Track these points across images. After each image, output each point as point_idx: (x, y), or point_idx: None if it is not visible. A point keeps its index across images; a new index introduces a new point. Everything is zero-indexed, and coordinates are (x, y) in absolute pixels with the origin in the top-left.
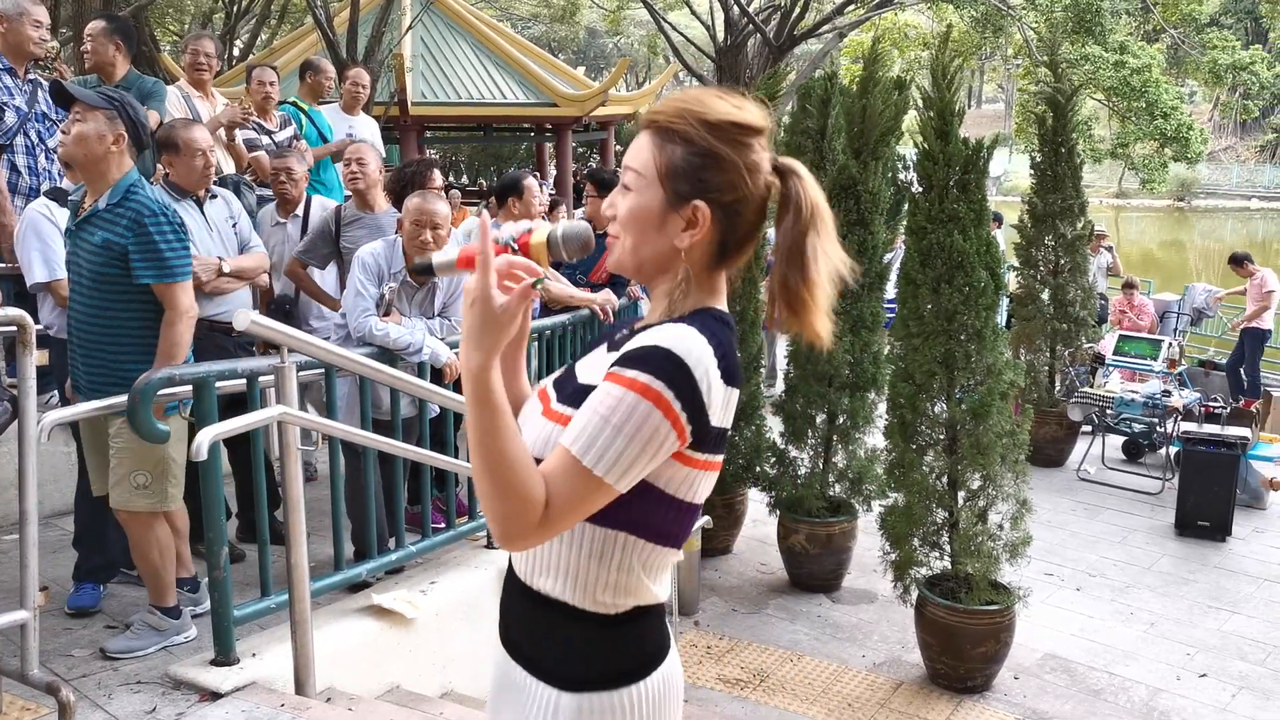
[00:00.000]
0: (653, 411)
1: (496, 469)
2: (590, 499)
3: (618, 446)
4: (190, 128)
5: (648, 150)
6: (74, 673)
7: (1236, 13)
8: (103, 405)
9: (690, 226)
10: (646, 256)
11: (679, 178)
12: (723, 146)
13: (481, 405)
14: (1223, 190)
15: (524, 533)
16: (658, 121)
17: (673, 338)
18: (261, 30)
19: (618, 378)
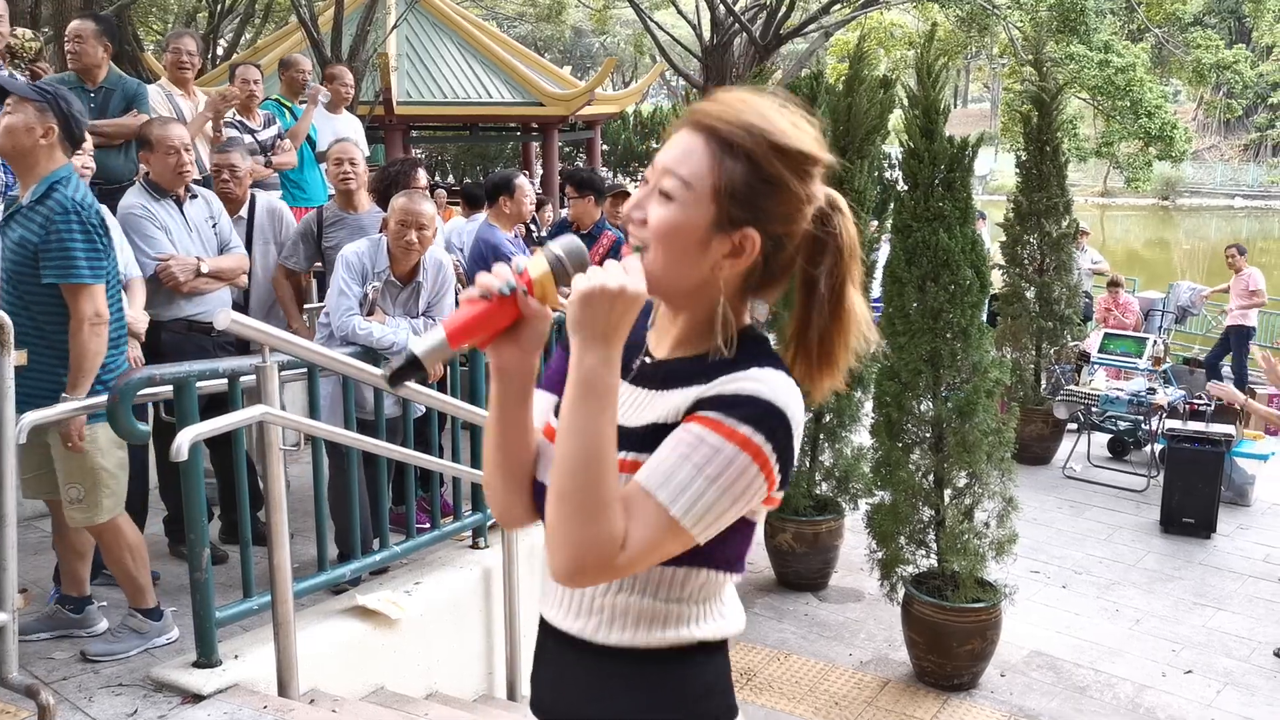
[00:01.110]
0: (751, 466)
1: (596, 487)
2: (668, 547)
3: (709, 498)
4: (166, 125)
5: (702, 160)
6: (54, 675)
7: (1220, 12)
8: (81, 406)
9: (735, 254)
10: (679, 277)
11: (736, 201)
12: (789, 175)
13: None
14: (1207, 189)
15: (599, 566)
16: (718, 130)
17: (773, 389)
18: (245, 29)
19: (715, 425)
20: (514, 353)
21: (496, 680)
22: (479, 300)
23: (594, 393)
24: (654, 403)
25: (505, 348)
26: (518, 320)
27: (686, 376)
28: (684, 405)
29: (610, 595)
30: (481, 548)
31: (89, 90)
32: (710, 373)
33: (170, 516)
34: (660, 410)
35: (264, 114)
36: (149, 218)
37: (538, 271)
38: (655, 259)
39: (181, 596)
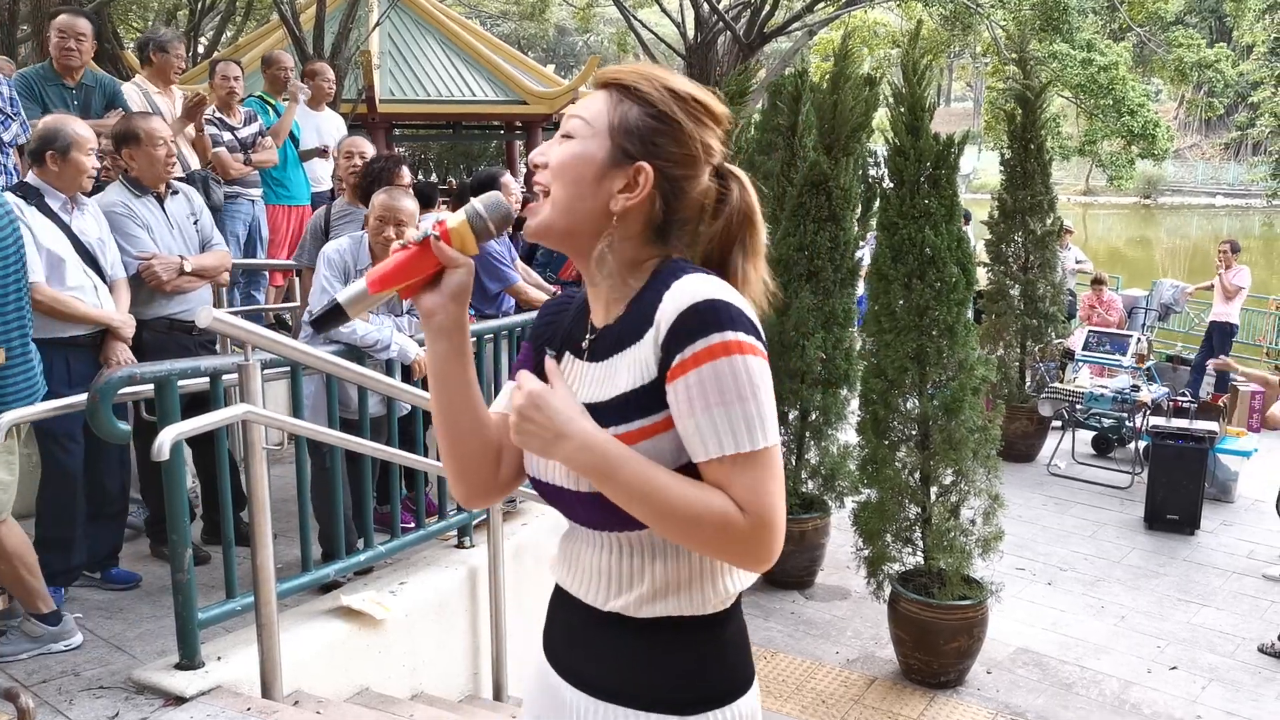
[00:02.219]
0: (745, 361)
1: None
2: (777, 468)
3: (748, 413)
4: (149, 119)
5: (601, 102)
6: (33, 679)
7: (1200, 11)
8: (61, 405)
9: (629, 189)
10: (578, 213)
11: (631, 135)
12: (684, 116)
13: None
14: (1188, 187)
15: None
16: (620, 79)
17: (699, 289)
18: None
19: (693, 361)
20: (436, 299)
21: (482, 680)
22: (399, 250)
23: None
24: (618, 368)
25: (428, 295)
26: (438, 270)
27: (631, 331)
28: (648, 358)
29: (632, 561)
30: (467, 547)
31: (69, 88)
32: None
33: (151, 517)
34: (625, 376)
35: (245, 111)
36: (130, 215)
37: (455, 221)
38: (555, 196)
39: (163, 597)
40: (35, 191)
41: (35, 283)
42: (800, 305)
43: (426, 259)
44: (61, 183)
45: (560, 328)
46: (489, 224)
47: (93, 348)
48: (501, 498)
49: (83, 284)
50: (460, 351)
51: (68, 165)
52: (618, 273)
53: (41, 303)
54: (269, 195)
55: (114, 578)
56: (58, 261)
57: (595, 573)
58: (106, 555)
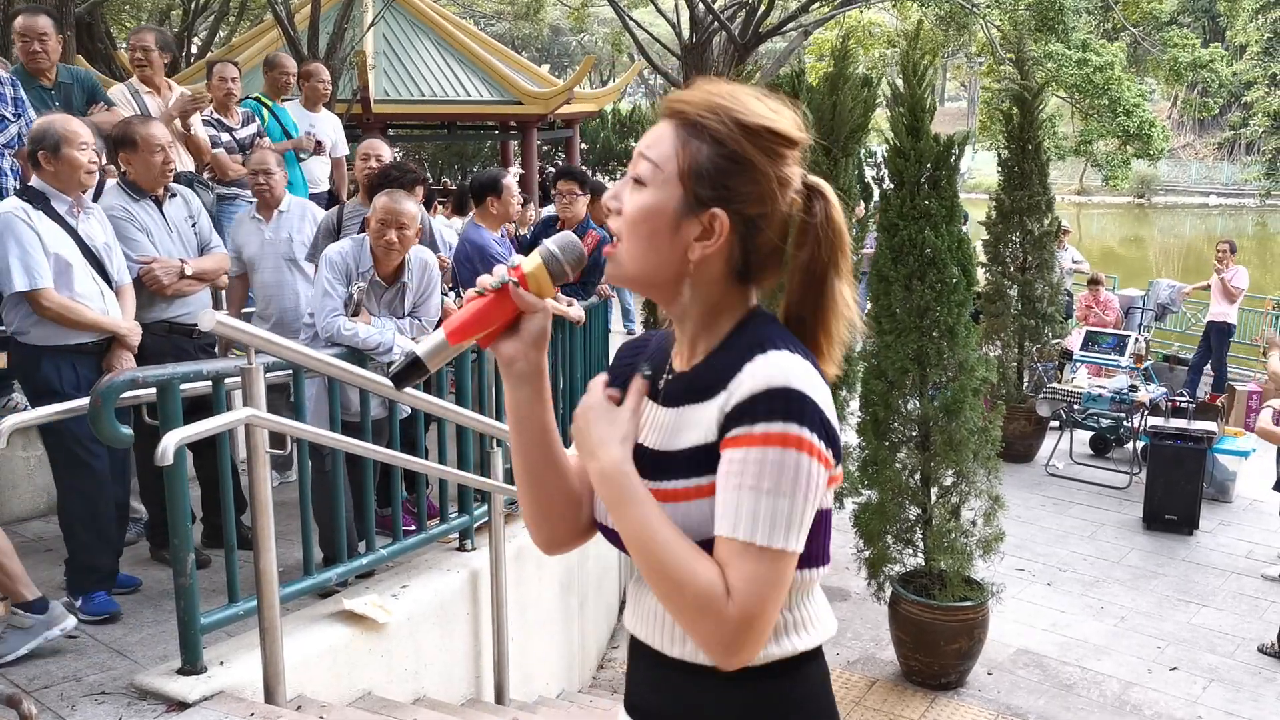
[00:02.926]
0: (802, 459)
1: (663, 569)
2: (779, 576)
3: (785, 510)
4: (148, 124)
5: (670, 142)
6: (35, 684)
7: (1194, 11)
8: (64, 409)
9: (705, 236)
10: (654, 265)
11: (702, 180)
12: (756, 153)
13: (643, 500)
14: (1182, 187)
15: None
16: (685, 113)
17: (785, 373)
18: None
19: (749, 440)
20: (516, 347)
21: (484, 683)
22: (475, 297)
23: (616, 503)
24: (684, 420)
25: (506, 343)
26: (516, 316)
27: (704, 386)
28: (713, 420)
29: None
30: (468, 550)
31: (47, 88)
32: (721, 374)
33: (152, 521)
34: (694, 430)
35: (242, 112)
36: (129, 219)
37: (531, 265)
38: (628, 246)
39: (164, 602)
40: (41, 195)
41: (43, 288)
42: None
43: (504, 305)
44: (60, 182)
45: (636, 369)
46: (565, 266)
47: (99, 354)
48: (582, 543)
49: (90, 290)
50: (540, 397)
51: (61, 163)
52: (703, 317)
53: (49, 309)
54: None
55: (116, 582)
56: (65, 267)
57: (655, 615)
58: None
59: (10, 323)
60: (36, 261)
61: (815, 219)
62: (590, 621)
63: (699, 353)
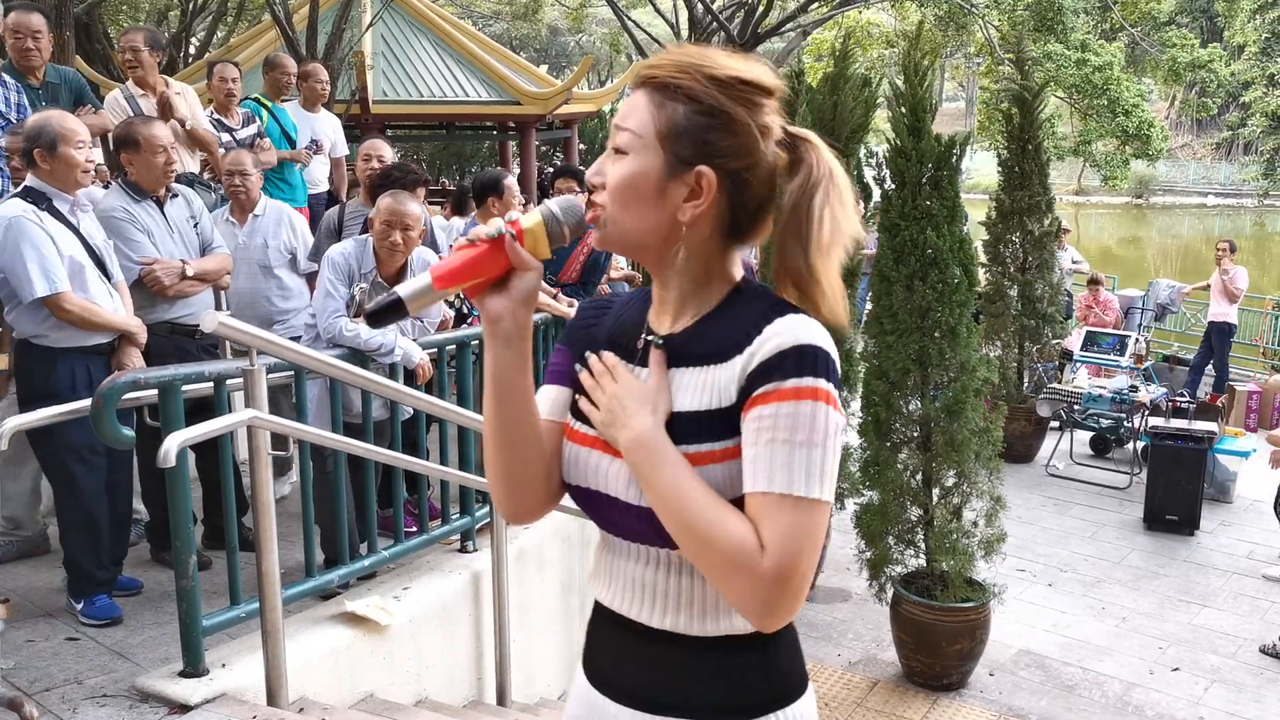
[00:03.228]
0: (825, 409)
1: (695, 530)
2: (820, 527)
3: (818, 459)
4: (150, 124)
5: (645, 109)
6: (36, 687)
7: (1192, 12)
8: (62, 411)
9: (694, 196)
10: (642, 230)
11: (682, 139)
12: (733, 105)
13: (673, 465)
14: (1180, 187)
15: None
16: (656, 76)
17: (809, 332)
18: (218, 27)
19: (779, 395)
20: (503, 303)
21: (486, 685)
22: (467, 245)
23: (649, 467)
24: (684, 383)
25: (494, 297)
26: (507, 272)
27: (712, 350)
28: (729, 384)
29: (679, 578)
30: (470, 551)
31: (34, 88)
32: (735, 337)
33: (152, 522)
34: (700, 393)
35: (243, 112)
36: (130, 220)
37: (530, 222)
38: (615, 216)
39: (165, 604)
40: (43, 196)
41: (63, 292)
42: None
43: (498, 258)
44: (57, 181)
45: (601, 330)
46: (564, 227)
47: (109, 354)
48: (548, 511)
49: (100, 290)
50: (523, 360)
51: (58, 161)
52: (695, 279)
53: (72, 312)
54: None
55: (118, 584)
56: (78, 268)
57: (638, 586)
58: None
59: (22, 327)
60: (53, 265)
61: (804, 158)
62: None
63: (688, 315)
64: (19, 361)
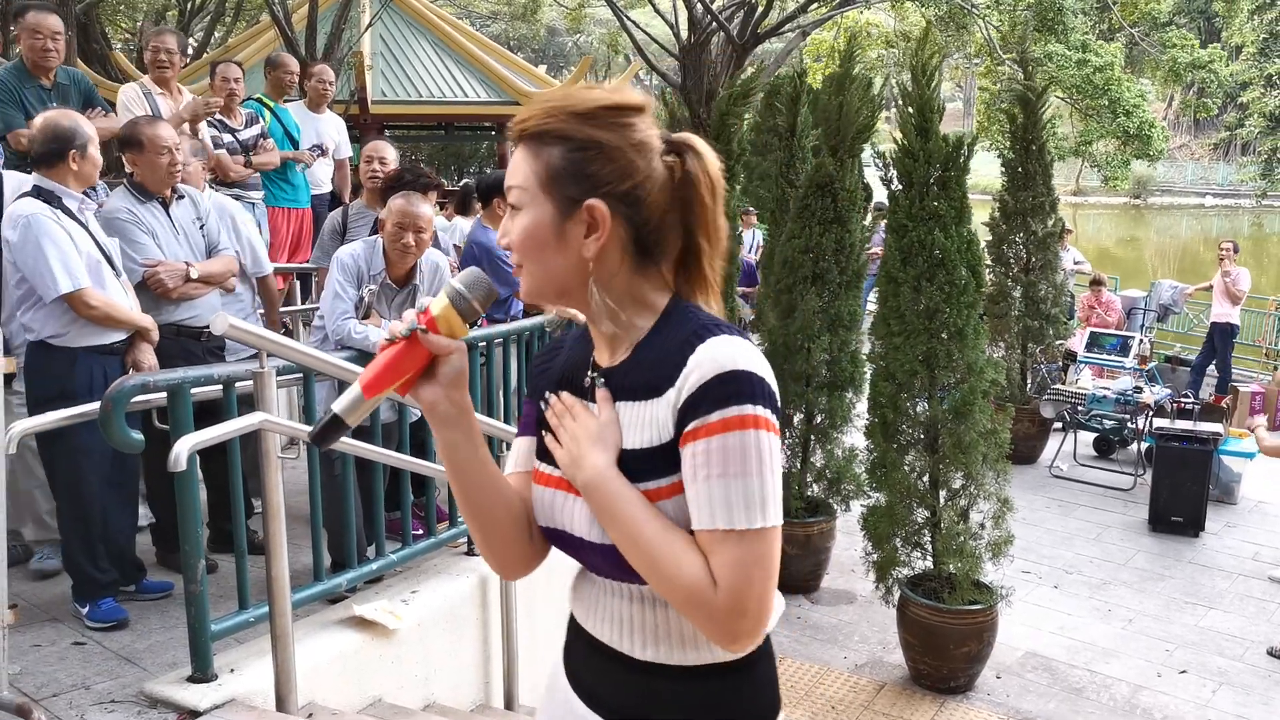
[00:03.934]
0: (761, 436)
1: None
2: (769, 552)
3: (756, 489)
4: (155, 124)
5: (525, 162)
6: (44, 692)
7: (1190, 12)
8: (71, 414)
9: (592, 230)
10: (555, 276)
11: (563, 179)
12: (602, 132)
13: (627, 502)
14: (1178, 188)
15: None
16: (526, 128)
17: (731, 357)
18: (216, 27)
19: (710, 428)
20: (434, 391)
21: (494, 689)
22: (387, 345)
23: (607, 506)
24: (629, 419)
25: (425, 388)
26: (431, 360)
27: (644, 384)
28: (665, 419)
29: (657, 612)
30: (477, 555)
31: (46, 88)
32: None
33: (158, 525)
34: (642, 430)
35: (246, 113)
36: (135, 222)
37: (438, 308)
38: (528, 269)
39: (171, 608)
40: (54, 195)
41: (85, 288)
42: (806, 308)
43: (416, 352)
44: (79, 182)
45: (554, 373)
46: (473, 303)
47: (122, 354)
48: (538, 563)
49: (114, 287)
50: (469, 437)
51: (87, 162)
52: (618, 311)
53: (96, 308)
54: (270, 197)
55: (147, 588)
56: (95, 265)
57: (618, 620)
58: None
59: (41, 327)
60: (74, 262)
61: (694, 171)
62: None
63: (624, 347)
64: (32, 363)
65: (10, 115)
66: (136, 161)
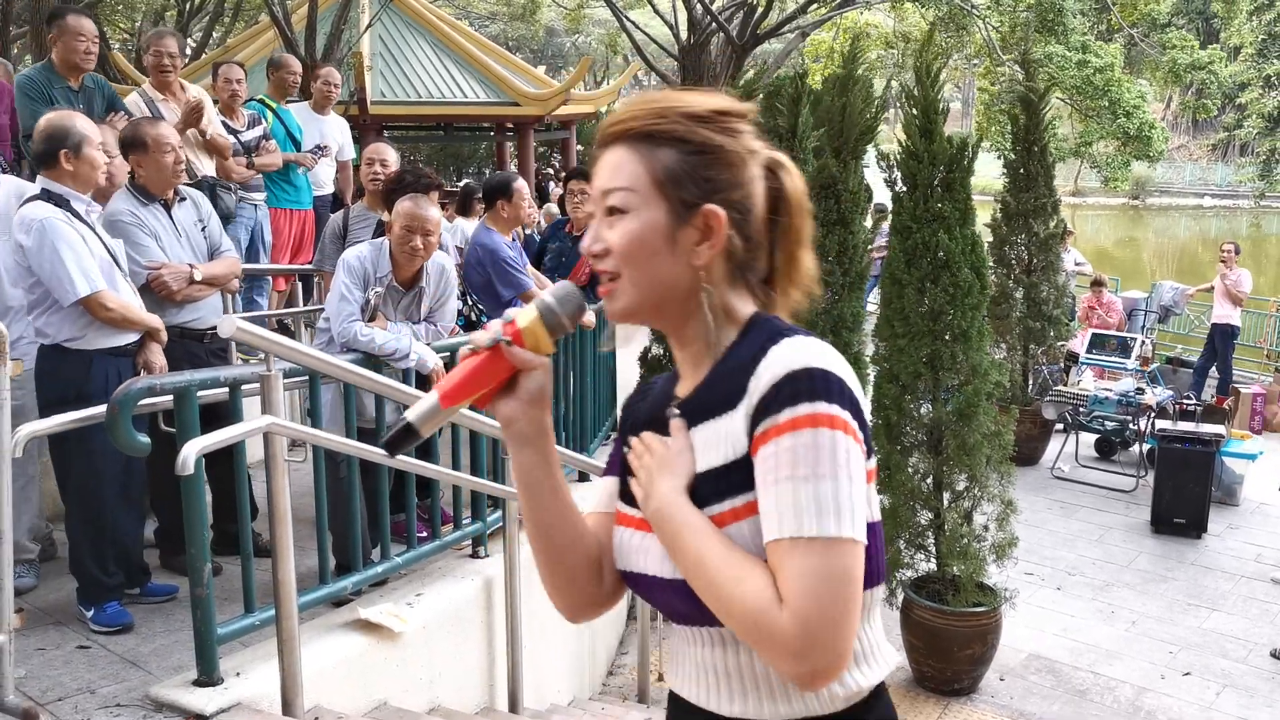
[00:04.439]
0: (837, 436)
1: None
2: (846, 568)
3: (829, 492)
4: (158, 125)
5: (632, 163)
6: (49, 696)
7: (1188, 13)
8: (80, 416)
9: (705, 237)
10: (663, 286)
11: (681, 182)
12: (719, 137)
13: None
14: (1176, 188)
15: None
16: (631, 129)
17: (802, 355)
18: (215, 27)
19: (779, 428)
20: (515, 407)
21: (498, 692)
22: (469, 356)
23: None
24: (702, 440)
25: (505, 403)
26: (513, 374)
27: (719, 399)
28: (740, 430)
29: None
30: (482, 557)
31: (73, 89)
32: (735, 380)
33: (162, 528)
34: (718, 448)
35: (248, 114)
36: (138, 224)
37: (526, 320)
38: (631, 278)
39: (176, 611)
40: (62, 199)
41: (102, 290)
42: (809, 309)
43: (499, 365)
44: (78, 183)
45: (642, 413)
46: (563, 319)
47: (133, 355)
48: (609, 609)
49: (125, 289)
50: (546, 458)
51: (82, 163)
52: (711, 330)
53: (113, 310)
54: (273, 198)
55: (152, 591)
56: (108, 267)
57: (703, 670)
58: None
59: (56, 331)
60: (90, 264)
61: (784, 189)
62: (600, 627)
63: (704, 368)
64: (44, 366)
65: (40, 113)
66: (141, 162)
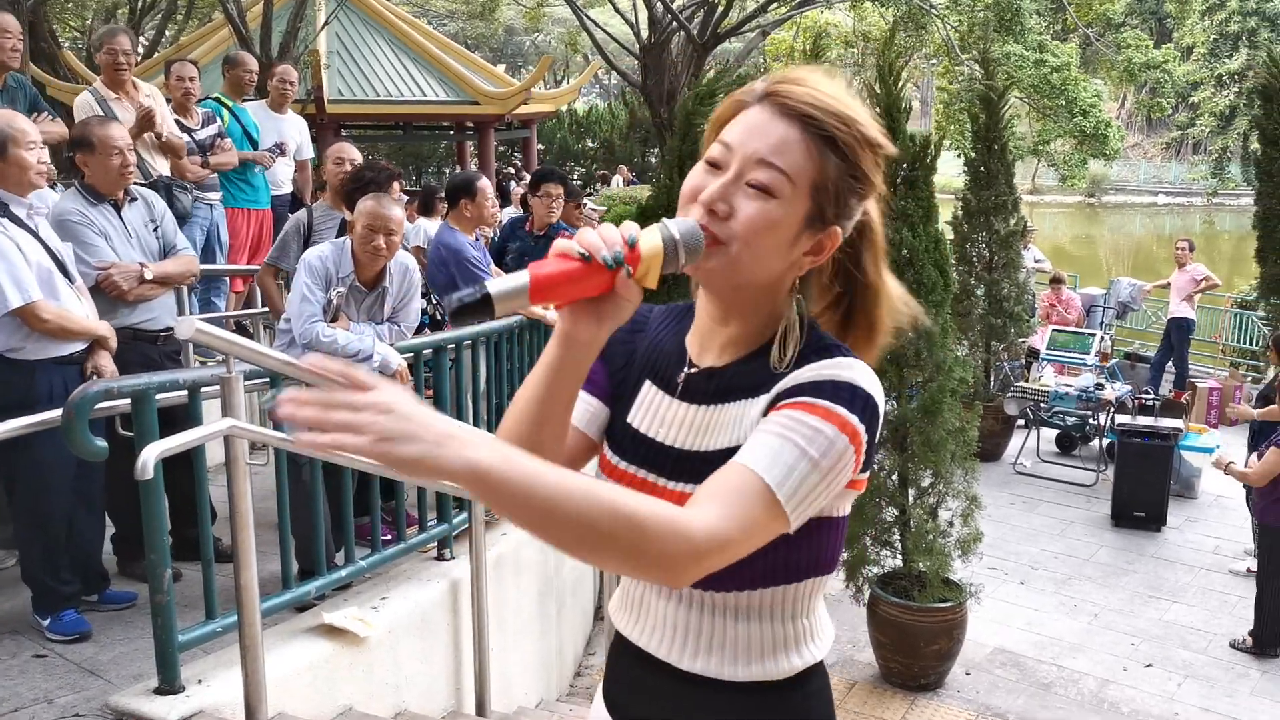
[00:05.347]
0: (848, 448)
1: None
2: (763, 531)
3: (810, 481)
4: (106, 125)
5: (802, 153)
6: (4, 706)
7: (1142, 13)
8: (31, 421)
9: (815, 252)
10: (762, 273)
11: (831, 197)
12: (874, 172)
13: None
14: (1131, 187)
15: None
16: (815, 120)
17: (859, 375)
18: (168, 25)
19: (810, 408)
20: (589, 326)
21: (465, 695)
22: (575, 258)
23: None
24: (720, 420)
25: (583, 317)
26: (604, 293)
27: (750, 385)
28: (755, 415)
29: (713, 620)
30: (447, 559)
31: None
32: (774, 373)
33: (121, 534)
34: (732, 429)
35: (202, 113)
36: (86, 224)
37: (649, 248)
38: (742, 253)
39: (135, 618)
40: (1, 204)
41: (37, 301)
42: None
43: (599, 280)
44: (8, 184)
45: (638, 352)
46: (681, 254)
47: (81, 363)
48: None
49: (69, 296)
50: (582, 370)
51: (10, 165)
52: (763, 320)
53: (49, 321)
54: (229, 198)
55: (111, 598)
56: (47, 275)
57: (669, 625)
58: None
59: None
60: (23, 274)
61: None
62: (567, 628)
63: (737, 350)
64: None
65: None
66: (88, 163)
